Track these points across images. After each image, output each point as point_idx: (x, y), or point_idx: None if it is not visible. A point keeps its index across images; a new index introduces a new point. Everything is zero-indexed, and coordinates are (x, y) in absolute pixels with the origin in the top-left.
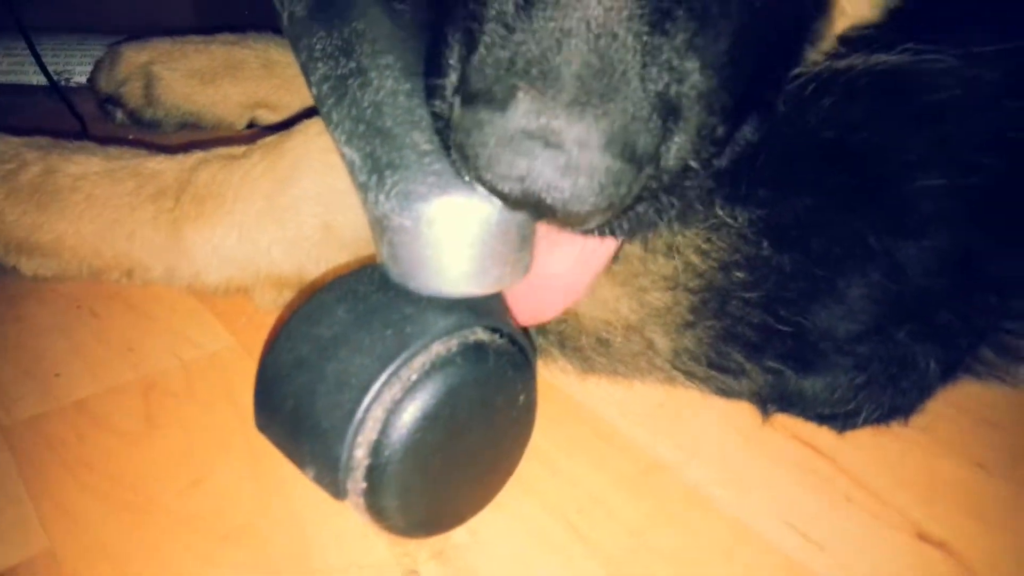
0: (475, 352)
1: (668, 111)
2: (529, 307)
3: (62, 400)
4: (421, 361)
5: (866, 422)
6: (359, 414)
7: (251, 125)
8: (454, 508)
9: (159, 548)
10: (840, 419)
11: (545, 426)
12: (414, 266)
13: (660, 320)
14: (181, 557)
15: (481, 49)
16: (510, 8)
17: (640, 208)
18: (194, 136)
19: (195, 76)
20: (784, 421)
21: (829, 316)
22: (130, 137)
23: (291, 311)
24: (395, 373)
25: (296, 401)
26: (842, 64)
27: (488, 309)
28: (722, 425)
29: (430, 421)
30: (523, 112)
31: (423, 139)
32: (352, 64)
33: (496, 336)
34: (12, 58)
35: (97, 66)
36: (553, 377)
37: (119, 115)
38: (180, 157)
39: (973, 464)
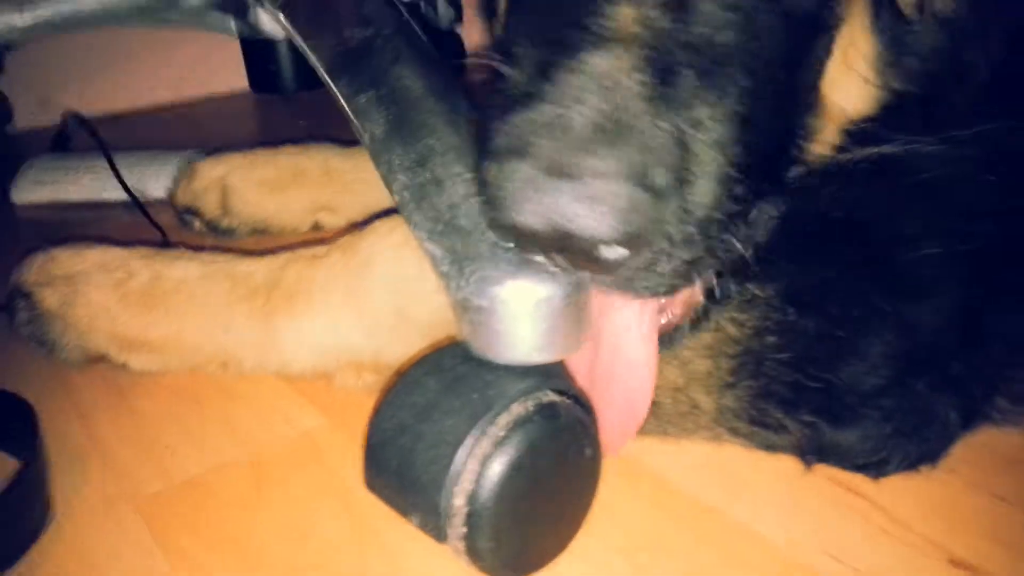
0: (549, 410)
1: (681, 149)
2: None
3: (177, 478)
4: (505, 419)
5: (897, 469)
6: (456, 466)
7: (314, 228)
8: (538, 551)
9: None
10: (873, 467)
11: (606, 479)
12: (492, 341)
13: (703, 383)
14: None
15: (502, 117)
16: (524, 79)
17: (673, 261)
18: (264, 242)
19: (265, 185)
20: (823, 468)
21: (853, 372)
22: (207, 245)
23: (388, 386)
24: (484, 430)
25: (400, 460)
26: (844, 157)
27: (555, 374)
28: (765, 472)
29: (517, 471)
30: (542, 154)
31: (492, 238)
32: (427, 174)
33: (563, 397)
34: (93, 175)
35: (176, 180)
36: None
37: (197, 224)
38: (268, 258)
39: (996, 497)
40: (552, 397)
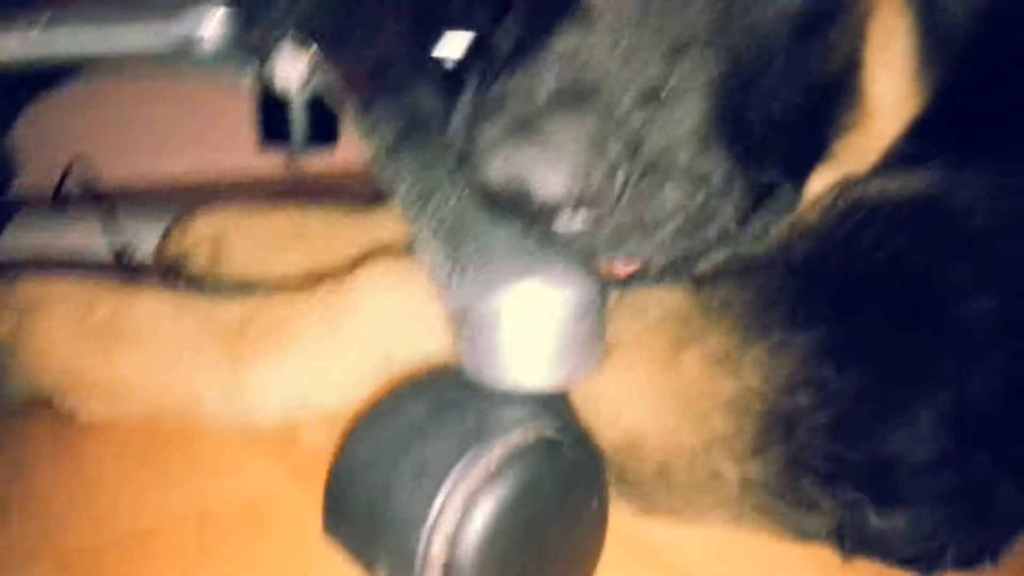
0: (550, 446)
1: (650, 114)
2: None
3: (114, 532)
4: (499, 452)
5: (954, 563)
6: (436, 505)
7: None
8: None
9: None
10: (924, 561)
11: (612, 556)
12: (489, 357)
13: (725, 447)
14: None
15: (482, 88)
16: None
17: (645, 230)
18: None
19: (263, 241)
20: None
21: (901, 442)
22: None
23: (362, 412)
24: (472, 461)
25: (370, 496)
26: (880, 184)
27: (561, 409)
28: (797, 559)
29: (509, 515)
30: (508, 117)
31: (499, 241)
32: (433, 181)
33: (568, 436)
34: (83, 229)
35: (166, 232)
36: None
37: (180, 284)
38: (248, 297)
39: None
40: (555, 433)
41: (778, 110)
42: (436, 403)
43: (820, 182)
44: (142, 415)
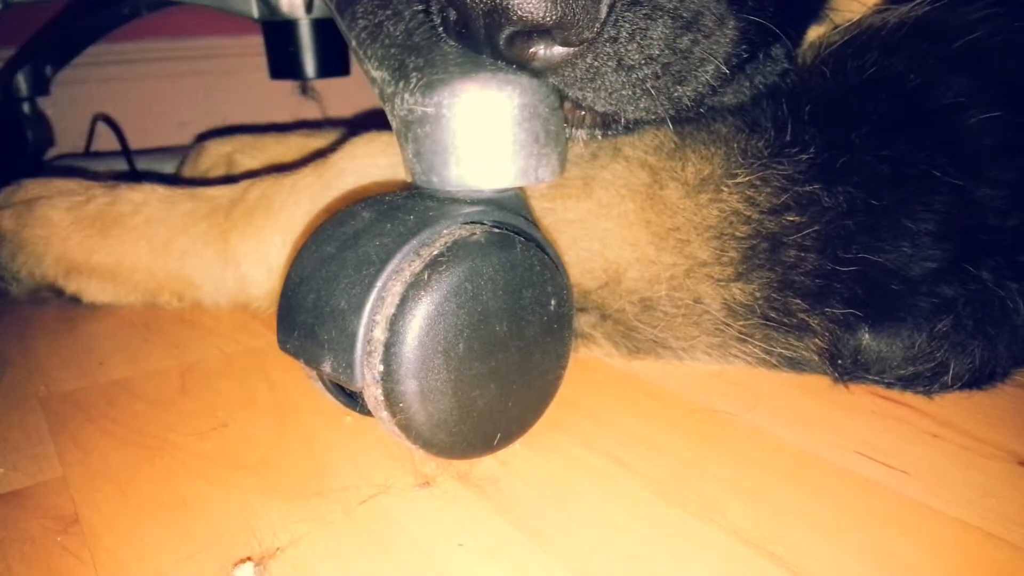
0: (500, 237)
1: None
2: None
3: (100, 379)
4: (444, 240)
5: (957, 381)
6: (377, 287)
7: None
8: (484, 424)
9: (169, 475)
10: (926, 379)
11: (589, 387)
12: (437, 157)
13: (707, 271)
14: (191, 482)
15: None
16: None
17: (633, 72)
18: None
19: (273, 163)
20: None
21: (897, 253)
22: None
23: (316, 224)
24: (416, 249)
25: (317, 294)
26: (877, 19)
27: (515, 210)
28: (787, 384)
29: (453, 302)
30: None
31: (449, 48)
32: (388, 11)
33: (520, 234)
34: (108, 164)
35: (183, 158)
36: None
37: None
38: (238, 183)
39: None
40: (503, 228)
41: None
42: (385, 209)
43: (811, 37)
44: (142, 298)
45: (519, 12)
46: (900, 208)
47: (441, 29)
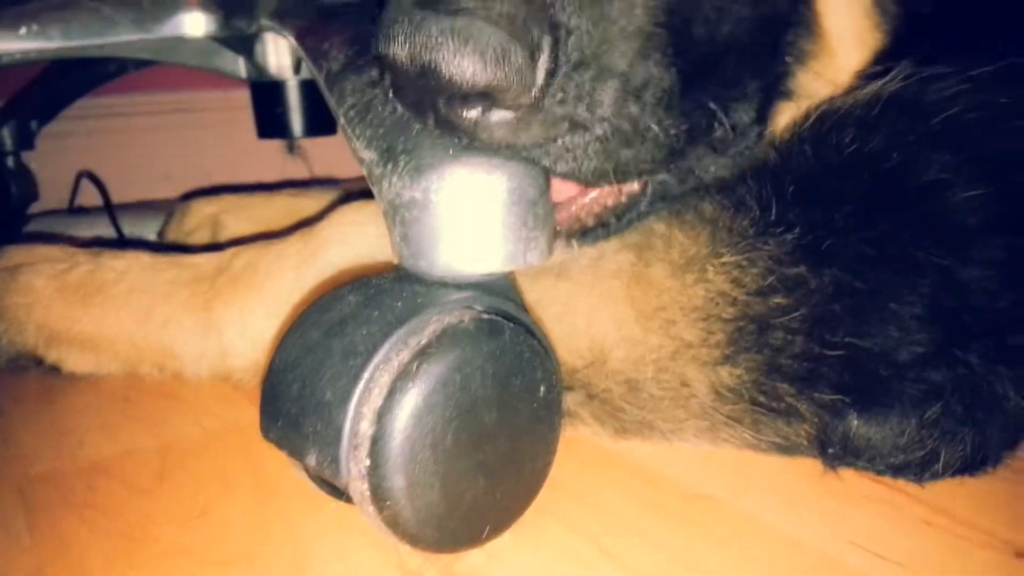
0: (489, 325)
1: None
2: None
3: (79, 460)
4: (432, 328)
5: (948, 469)
6: (364, 379)
7: None
8: (472, 517)
9: (148, 572)
10: (916, 467)
11: (575, 467)
12: (425, 243)
13: (693, 353)
14: None
15: None
16: None
17: (580, 137)
18: None
19: (260, 225)
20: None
21: (884, 337)
22: None
23: (300, 310)
24: (404, 339)
25: (302, 383)
26: (849, 98)
27: (504, 294)
28: (778, 466)
29: (441, 392)
30: None
31: (431, 135)
32: (376, 91)
33: (509, 321)
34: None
35: (168, 217)
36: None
37: None
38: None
39: None
40: (495, 315)
41: (725, 31)
42: (372, 293)
43: (786, 120)
44: (123, 368)
45: (449, 74)
46: (886, 291)
47: (392, 95)
